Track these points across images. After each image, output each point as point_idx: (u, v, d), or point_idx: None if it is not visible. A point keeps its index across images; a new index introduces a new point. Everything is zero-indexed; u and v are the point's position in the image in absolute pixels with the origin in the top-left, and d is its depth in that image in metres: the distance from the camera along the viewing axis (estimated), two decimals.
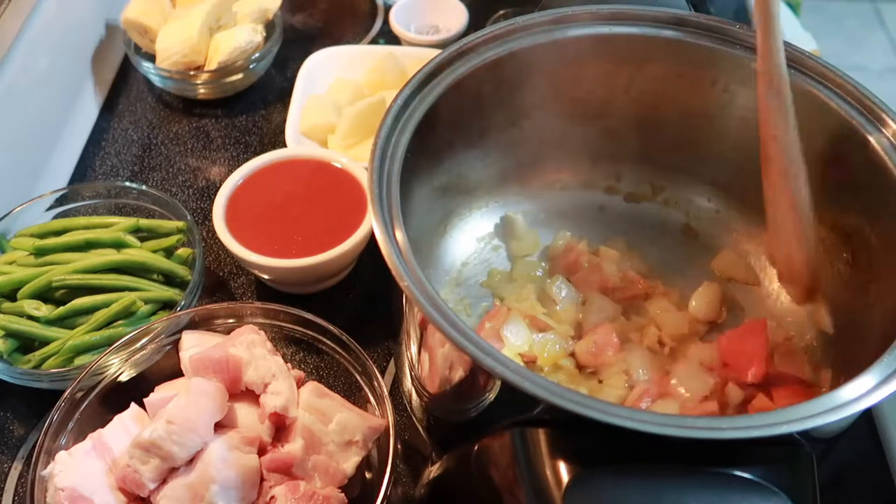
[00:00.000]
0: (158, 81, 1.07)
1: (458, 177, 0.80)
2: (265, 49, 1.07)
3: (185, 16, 1.04)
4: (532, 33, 0.73)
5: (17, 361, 0.76)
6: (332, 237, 0.82)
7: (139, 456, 0.60)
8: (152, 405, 0.66)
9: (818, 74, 0.70)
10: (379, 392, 0.68)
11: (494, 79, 0.73)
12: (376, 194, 0.60)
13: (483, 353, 0.51)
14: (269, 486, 0.63)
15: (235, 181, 0.86)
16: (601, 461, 0.50)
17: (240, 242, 0.81)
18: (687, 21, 0.74)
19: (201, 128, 1.07)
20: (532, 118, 0.79)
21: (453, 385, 0.60)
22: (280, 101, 1.10)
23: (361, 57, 1.06)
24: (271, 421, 0.65)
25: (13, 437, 0.77)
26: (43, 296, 0.78)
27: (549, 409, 0.50)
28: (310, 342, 0.73)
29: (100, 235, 0.81)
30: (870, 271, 0.68)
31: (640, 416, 0.49)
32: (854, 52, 2.64)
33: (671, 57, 0.75)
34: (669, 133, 0.80)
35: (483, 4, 1.16)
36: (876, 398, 0.51)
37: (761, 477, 0.49)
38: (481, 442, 0.58)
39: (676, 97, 0.77)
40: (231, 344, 0.67)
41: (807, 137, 0.72)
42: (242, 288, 0.90)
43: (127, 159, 1.03)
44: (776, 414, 0.49)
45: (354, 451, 0.66)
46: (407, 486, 0.75)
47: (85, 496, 0.61)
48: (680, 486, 0.49)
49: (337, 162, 0.88)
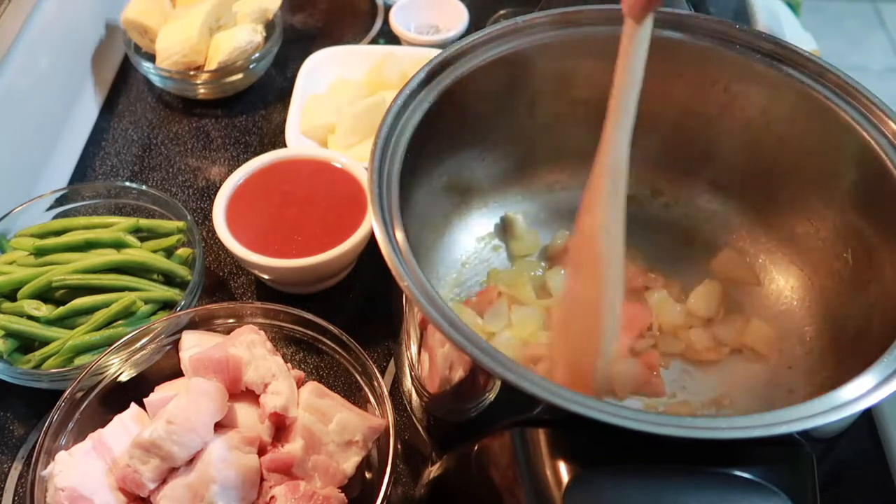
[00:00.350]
0: (158, 81, 1.07)
1: (458, 177, 0.80)
2: (265, 49, 1.07)
3: (185, 16, 1.04)
4: (532, 33, 0.73)
5: (17, 361, 0.76)
6: (332, 237, 0.82)
7: (139, 456, 0.60)
8: (152, 405, 0.66)
9: (818, 74, 0.70)
10: (379, 392, 0.68)
11: (494, 79, 0.73)
12: (376, 194, 0.60)
13: (483, 353, 0.51)
14: (269, 486, 0.63)
15: (235, 181, 0.86)
16: (601, 461, 0.50)
17: (240, 242, 0.81)
18: (687, 21, 0.74)
19: (201, 128, 1.07)
20: (532, 118, 0.79)
21: (453, 385, 0.60)
22: (280, 101, 1.10)
23: (361, 57, 1.06)
24: (271, 421, 0.65)
25: (13, 437, 0.77)
26: (43, 296, 0.78)
27: (549, 409, 0.50)
28: (310, 342, 0.73)
29: (100, 235, 0.81)
30: (870, 271, 0.68)
31: (640, 416, 0.49)
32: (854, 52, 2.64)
33: (671, 57, 0.74)
34: (669, 133, 0.80)
35: (483, 4, 1.16)
36: (876, 398, 0.51)
37: (761, 477, 0.49)
38: (481, 442, 0.58)
39: (676, 97, 0.77)
40: (231, 344, 0.67)
41: (806, 138, 0.73)
42: (242, 288, 0.90)
43: (127, 159, 1.03)
44: (776, 414, 0.49)
45: (354, 451, 0.66)
46: (407, 486, 0.75)
47: (85, 496, 0.61)
48: (680, 486, 0.49)
49: (337, 162, 0.88)
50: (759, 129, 0.75)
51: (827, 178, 0.72)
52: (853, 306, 0.69)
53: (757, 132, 0.76)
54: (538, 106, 0.78)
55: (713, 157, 0.80)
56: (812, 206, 0.75)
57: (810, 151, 0.73)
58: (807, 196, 0.75)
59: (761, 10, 1.20)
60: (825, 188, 0.73)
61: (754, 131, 0.76)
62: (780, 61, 0.72)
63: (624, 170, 0.61)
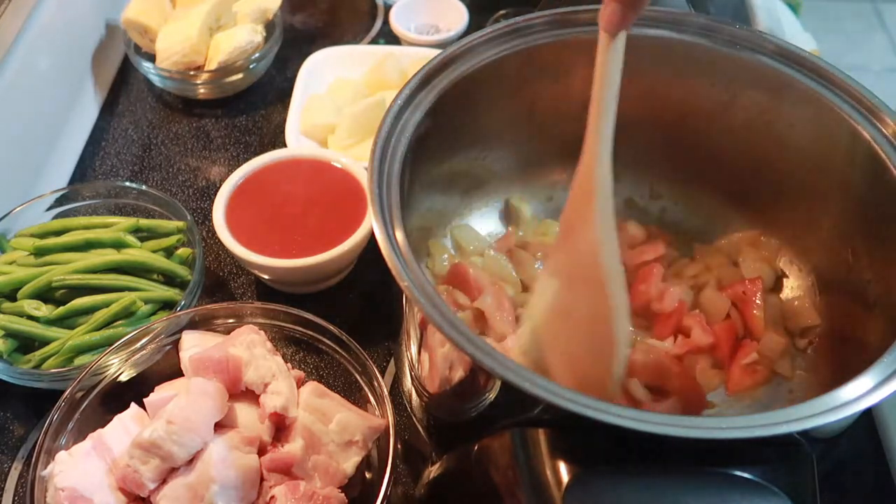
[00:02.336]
0: (158, 81, 1.07)
1: (459, 177, 0.80)
2: (265, 49, 1.07)
3: (185, 16, 1.04)
4: (532, 33, 0.73)
5: (17, 361, 0.76)
6: (332, 237, 0.82)
7: (139, 456, 0.60)
8: (152, 405, 0.66)
9: (818, 74, 0.70)
10: (379, 392, 0.68)
11: (494, 79, 0.73)
12: (376, 194, 0.60)
13: (483, 353, 0.51)
14: (269, 486, 0.63)
15: (235, 181, 0.86)
16: (601, 461, 0.50)
17: (240, 242, 0.81)
18: (687, 21, 0.74)
19: (201, 128, 1.07)
20: (532, 118, 0.79)
21: (453, 385, 0.60)
22: (280, 101, 1.10)
23: (361, 57, 1.06)
24: (271, 421, 0.65)
25: (13, 437, 0.77)
26: (43, 296, 0.78)
27: (549, 409, 0.51)
28: (310, 342, 0.73)
29: (100, 235, 0.81)
30: (870, 271, 0.68)
31: (640, 416, 0.49)
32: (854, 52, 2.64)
33: (671, 57, 0.74)
34: (669, 133, 0.80)
35: (483, 4, 1.16)
36: (876, 398, 0.51)
37: (761, 477, 0.49)
38: (481, 442, 0.58)
39: (676, 97, 0.77)
40: (231, 344, 0.67)
41: (807, 138, 0.73)
42: (242, 288, 0.90)
43: (127, 159, 1.03)
44: (776, 414, 0.49)
45: (354, 451, 0.66)
46: (407, 486, 0.75)
47: (85, 496, 0.61)
48: (680, 486, 0.49)
49: (337, 162, 0.88)
50: (758, 129, 0.75)
51: (827, 178, 0.72)
52: (853, 306, 0.69)
53: (757, 132, 0.76)
54: (538, 106, 0.78)
55: (713, 158, 0.80)
56: (812, 206, 0.75)
57: (810, 151, 0.73)
58: (807, 196, 0.75)
59: (761, 10, 1.20)
60: (825, 188, 0.73)
61: (754, 131, 0.75)
62: (780, 61, 0.71)
63: (610, 180, 0.60)
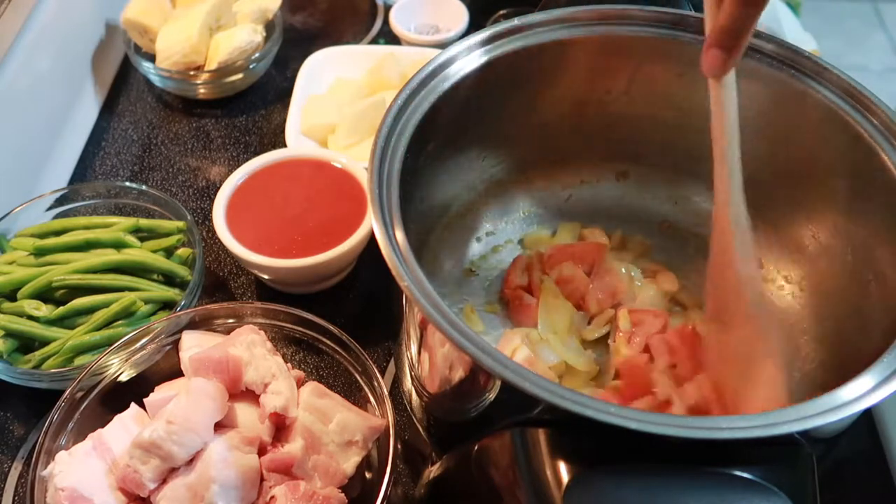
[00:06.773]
0: (158, 81, 1.07)
1: (458, 177, 0.80)
2: (265, 49, 1.07)
3: (185, 16, 1.04)
4: (532, 33, 0.73)
5: (17, 361, 0.76)
6: (332, 237, 0.82)
7: (139, 456, 0.60)
8: (152, 405, 0.66)
9: (818, 74, 0.70)
10: (379, 392, 0.68)
11: (494, 79, 0.73)
12: (376, 194, 0.60)
13: (483, 353, 0.51)
14: (269, 486, 0.62)
15: (235, 181, 0.86)
16: (601, 461, 0.50)
17: (240, 242, 0.81)
18: (687, 21, 0.74)
19: (201, 128, 1.07)
20: (532, 119, 0.79)
21: (453, 385, 0.60)
22: (280, 101, 1.10)
23: (361, 57, 1.06)
24: (271, 421, 0.65)
25: (13, 437, 0.77)
26: (43, 296, 0.78)
27: (549, 409, 0.50)
28: (310, 342, 0.73)
29: (100, 235, 0.81)
30: (870, 270, 0.68)
31: (640, 416, 0.49)
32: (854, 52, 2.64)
33: (671, 57, 0.75)
34: (669, 133, 0.80)
35: (483, 4, 1.16)
36: (876, 398, 0.51)
37: (761, 477, 0.49)
38: (481, 442, 0.58)
39: (676, 97, 0.77)
40: (231, 344, 0.67)
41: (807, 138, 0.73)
42: (242, 288, 0.90)
43: (127, 159, 1.03)
44: (776, 414, 0.49)
45: (354, 451, 0.66)
46: (407, 486, 0.75)
47: (85, 496, 0.61)
48: (680, 486, 0.49)
49: (337, 162, 0.88)
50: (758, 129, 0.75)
51: (827, 178, 0.72)
52: (853, 306, 0.69)
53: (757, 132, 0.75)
54: (538, 106, 0.78)
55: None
56: (812, 206, 0.75)
57: (810, 151, 0.73)
58: (807, 196, 0.75)
59: None
60: (825, 188, 0.73)
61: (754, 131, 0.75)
62: (780, 61, 0.71)
63: (745, 217, 0.64)
